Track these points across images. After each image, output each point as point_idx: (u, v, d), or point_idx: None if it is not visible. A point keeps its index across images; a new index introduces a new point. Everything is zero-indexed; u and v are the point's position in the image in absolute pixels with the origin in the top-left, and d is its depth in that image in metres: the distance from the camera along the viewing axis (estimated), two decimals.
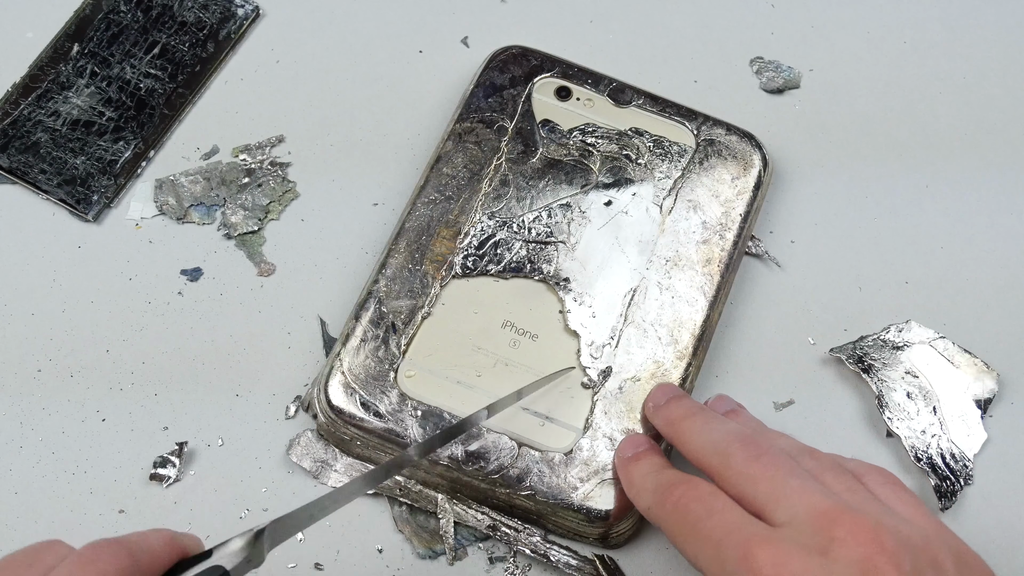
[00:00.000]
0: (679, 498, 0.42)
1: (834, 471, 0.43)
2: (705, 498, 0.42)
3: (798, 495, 0.40)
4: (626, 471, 0.46)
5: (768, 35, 0.60)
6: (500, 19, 0.59)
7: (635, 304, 0.50)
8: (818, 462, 0.43)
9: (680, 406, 0.47)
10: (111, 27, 0.57)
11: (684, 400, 0.47)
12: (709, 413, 0.46)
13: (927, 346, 0.52)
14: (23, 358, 0.51)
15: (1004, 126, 0.58)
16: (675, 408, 0.47)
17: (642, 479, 0.45)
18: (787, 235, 0.55)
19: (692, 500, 0.42)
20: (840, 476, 0.42)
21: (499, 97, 0.54)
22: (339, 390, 0.48)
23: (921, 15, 0.60)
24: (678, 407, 0.47)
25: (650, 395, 0.48)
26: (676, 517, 0.42)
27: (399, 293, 0.50)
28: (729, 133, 0.54)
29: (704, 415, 0.46)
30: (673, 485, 0.43)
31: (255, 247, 0.53)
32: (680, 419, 0.46)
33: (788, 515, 0.40)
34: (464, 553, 0.48)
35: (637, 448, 0.46)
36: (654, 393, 0.48)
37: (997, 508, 0.50)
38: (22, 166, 0.54)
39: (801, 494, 0.40)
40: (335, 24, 0.59)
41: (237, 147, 0.55)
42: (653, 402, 0.48)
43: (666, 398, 0.47)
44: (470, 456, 0.47)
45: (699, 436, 0.45)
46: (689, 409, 0.46)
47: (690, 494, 0.42)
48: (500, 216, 0.52)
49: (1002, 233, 0.55)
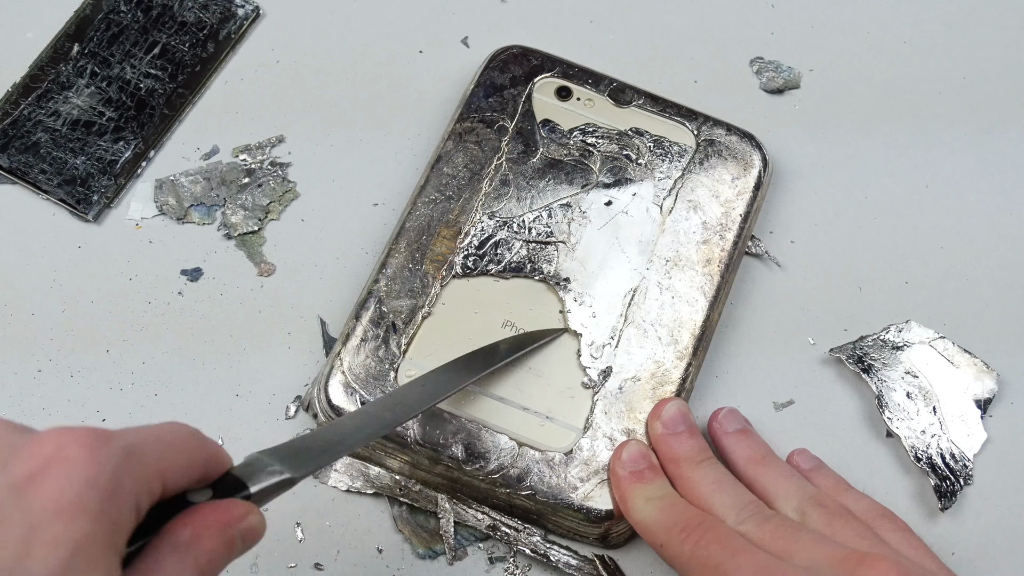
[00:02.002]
0: (697, 541, 0.42)
1: (843, 518, 0.44)
2: (724, 540, 0.42)
3: (812, 546, 0.41)
4: (627, 491, 0.46)
5: (768, 35, 0.60)
6: (500, 19, 0.59)
7: (635, 304, 0.50)
8: (827, 511, 0.44)
9: (690, 449, 0.47)
10: (111, 27, 0.57)
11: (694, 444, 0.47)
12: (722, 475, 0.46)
13: (927, 346, 0.52)
14: (23, 358, 0.51)
15: (1004, 126, 0.58)
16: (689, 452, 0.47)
17: (647, 505, 0.45)
18: (787, 235, 0.55)
19: (711, 543, 0.42)
20: (850, 523, 0.43)
21: (499, 97, 0.54)
22: (339, 390, 0.48)
23: (921, 15, 0.60)
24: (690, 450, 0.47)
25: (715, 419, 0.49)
26: (696, 561, 0.42)
27: (399, 293, 0.50)
28: (729, 133, 0.54)
29: (717, 476, 0.46)
30: (689, 527, 0.43)
31: (255, 247, 0.53)
32: (689, 463, 0.46)
33: (808, 563, 0.41)
34: (464, 553, 0.48)
35: (637, 465, 0.46)
36: (723, 420, 0.49)
37: (997, 508, 0.50)
38: (22, 166, 0.54)
39: (815, 545, 0.41)
40: (335, 24, 0.59)
41: (237, 147, 0.55)
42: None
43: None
44: (470, 456, 0.47)
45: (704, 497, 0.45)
46: (703, 462, 0.46)
47: (709, 536, 0.42)
48: (500, 216, 0.52)
49: (1002, 233, 0.55)
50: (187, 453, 0.35)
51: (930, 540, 0.47)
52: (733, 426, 0.48)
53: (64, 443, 0.32)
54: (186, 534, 0.34)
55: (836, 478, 0.48)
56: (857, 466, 0.50)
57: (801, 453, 0.49)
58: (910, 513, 0.49)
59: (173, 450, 0.35)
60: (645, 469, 0.46)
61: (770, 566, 0.41)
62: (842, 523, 0.43)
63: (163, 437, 0.35)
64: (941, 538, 0.49)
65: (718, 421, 0.49)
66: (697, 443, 0.47)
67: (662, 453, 0.47)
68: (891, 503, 0.49)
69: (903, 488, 0.50)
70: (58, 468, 0.31)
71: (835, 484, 0.47)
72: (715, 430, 0.49)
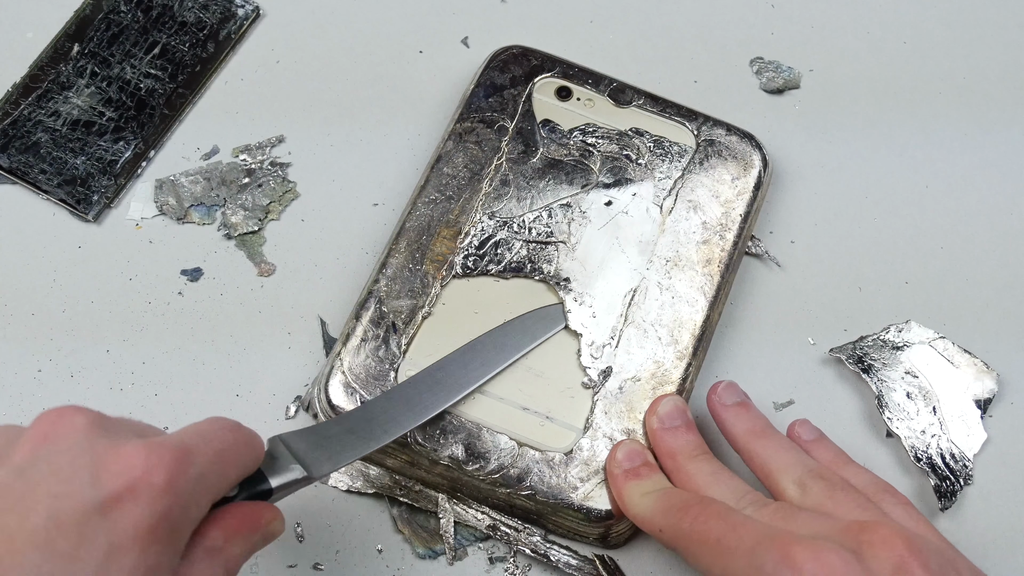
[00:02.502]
0: (695, 517, 0.42)
1: (845, 491, 0.43)
2: (723, 514, 0.42)
3: (813, 521, 0.41)
4: (623, 488, 0.46)
5: (768, 35, 0.60)
6: (500, 19, 0.59)
7: (635, 304, 0.50)
8: (828, 483, 0.44)
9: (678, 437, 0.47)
10: (111, 27, 0.57)
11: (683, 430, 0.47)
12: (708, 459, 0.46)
13: (927, 346, 0.52)
14: (23, 358, 0.51)
15: (1004, 126, 0.58)
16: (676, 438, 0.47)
17: (643, 499, 0.45)
18: (787, 235, 0.55)
19: (711, 517, 0.42)
20: (851, 495, 0.43)
21: (499, 97, 0.54)
22: (340, 390, 0.48)
23: (921, 15, 0.60)
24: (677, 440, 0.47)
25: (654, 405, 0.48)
26: (696, 536, 0.42)
27: (399, 293, 0.50)
28: (729, 133, 0.54)
29: (704, 461, 0.46)
30: (686, 506, 0.43)
31: (255, 247, 0.53)
32: (682, 455, 0.46)
33: (811, 533, 0.41)
34: (464, 553, 0.48)
35: (632, 462, 0.46)
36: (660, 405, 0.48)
37: (997, 508, 0.50)
38: (22, 166, 0.54)
39: (815, 520, 0.41)
40: (335, 24, 0.59)
41: (237, 147, 0.55)
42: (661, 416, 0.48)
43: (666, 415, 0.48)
44: (470, 456, 0.47)
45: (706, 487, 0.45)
46: (689, 445, 0.47)
47: (707, 512, 0.42)
48: (500, 216, 0.52)
49: (1002, 233, 0.55)
50: (241, 469, 0.37)
51: None
52: (732, 399, 0.48)
53: (151, 466, 0.33)
54: (218, 539, 0.36)
55: (836, 450, 0.47)
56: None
57: (802, 424, 0.48)
58: None
59: (232, 468, 0.37)
60: (641, 466, 0.46)
61: (771, 534, 0.40)
62: (843, 495, 0.43)
63: (226, 456, 0.36)
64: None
65: (717, 394, 0.48)
66: (694, 438, 0.47)
67: (659, 448, 0.47)
68: None
69: (903, 488, 0.50)
70: (142, 494, 0.33)
71: (835, 456, 0.47)
72: (714, 403, 0.48)
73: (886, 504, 0.44)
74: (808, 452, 0.46)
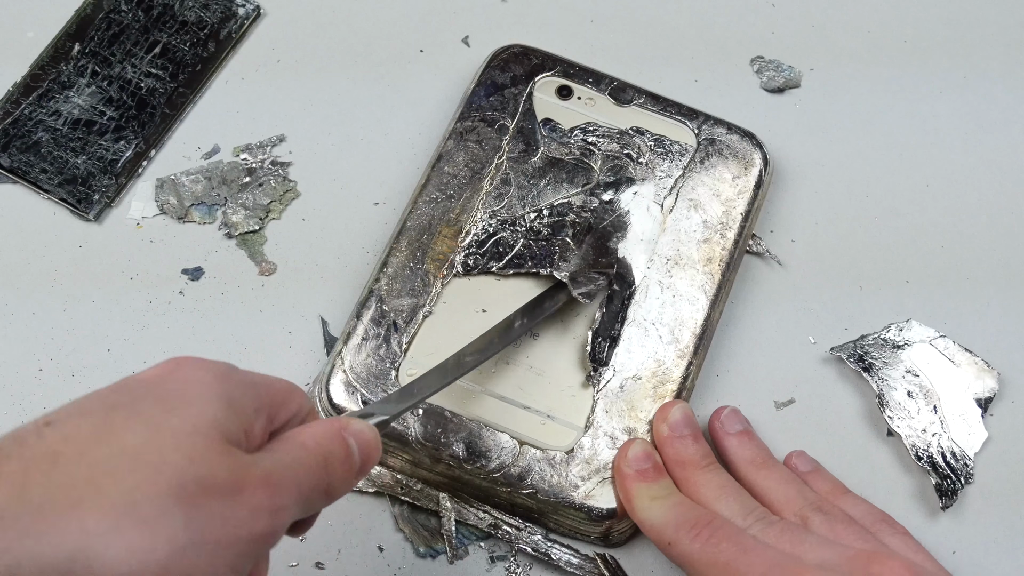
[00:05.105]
0: (707, 539, 0.43)
1: (845, 524, 0.44)
2: (735, 537, 0.42)
3: (820, 547, 0.42)
4: (632, 488, 0.46)
5: (768, 35, 0.60)
6: (501, 18, 0.59)
7: (636, 303, 0.50)
8: (828, 517, 0.44)
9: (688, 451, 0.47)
10: (112, 26, 0.57)
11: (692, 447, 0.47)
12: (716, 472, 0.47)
13: (928, 345, 0.52)
14: (24, 357, 0.51)
15: (1004, 125, 0.58)
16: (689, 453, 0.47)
17: (652, 504, 0.45)
18: (788, 234, 0.55)
19: (721, 540, 0.42)
20: (851, 528, 0.44)
21: (500, 96, 0.54)
22: (341, 388, 0.48)
23: (921, 15, 0.60)
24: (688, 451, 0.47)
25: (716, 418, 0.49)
26: (706, 558, 0.42)
27: (400, 292, 0.50)
28: (730, 132, 0.54)
29: (710, 473, 0.46)
30: (697, 525, 0.43)
31: (256, 246, 0.53)
32: (691, 467, 0.47)
33: (818, 561, 0.41)
34: (465, 552, 0.48)
35: (641, 464, 0.46)
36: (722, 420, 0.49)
37: (998, 507, 0.50)
38: (23, 165, 0.54)
39: (822, 546, 0.42)
40: (335, 24, 0.59)
41: (238, 146, 0.56)
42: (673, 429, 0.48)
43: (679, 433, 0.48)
44: (471, 454, 0.47)
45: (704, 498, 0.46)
46: (703, 461, 0.47)
47: (719, 534, 0.43)
48: (501, 215, 0.52)
49: (1003, 232, 0.55)
50: (294, 405, 0.37)
51: (931, 539, 0.48)
52: (735, 427, 0.48)
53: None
54: (306, 434, 0.35)
55: (834, 481, 0.48)
56: (858, 465, 0.50)
57: (799, 456, 0.49)
58: (911, 512, 0.49)
59: (281, 393, 0.36)
60: (650, 468, 0.46)
61: (781, 562, 0.41)
62: (844, 528, 0.44)
63: (274, 385, 0.37)
64: (942, 537, 0.49)
65: (720, 421, 0.49)
66: (702, 448, 0.47)
67: (667, 455, 0.47)
68: (892, 502, 0.49)
69: (904, 487, 0.50)
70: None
71: (833, 487, 0.47)
72: (716, 429, 0.49)
73: (884, 534, 0.44)
74: (806, 482, 0.47)
